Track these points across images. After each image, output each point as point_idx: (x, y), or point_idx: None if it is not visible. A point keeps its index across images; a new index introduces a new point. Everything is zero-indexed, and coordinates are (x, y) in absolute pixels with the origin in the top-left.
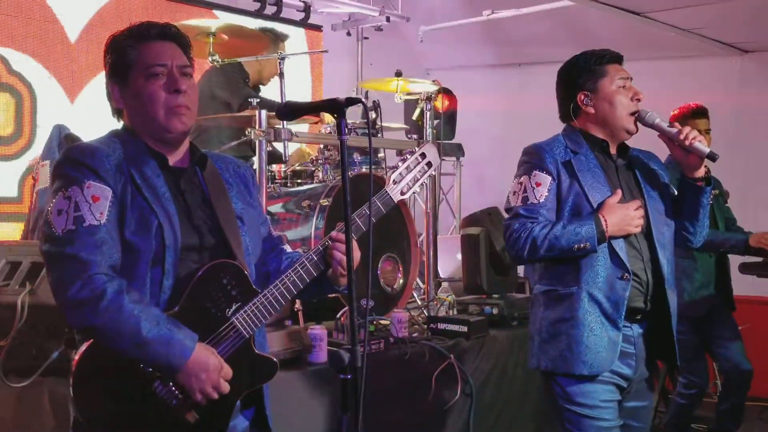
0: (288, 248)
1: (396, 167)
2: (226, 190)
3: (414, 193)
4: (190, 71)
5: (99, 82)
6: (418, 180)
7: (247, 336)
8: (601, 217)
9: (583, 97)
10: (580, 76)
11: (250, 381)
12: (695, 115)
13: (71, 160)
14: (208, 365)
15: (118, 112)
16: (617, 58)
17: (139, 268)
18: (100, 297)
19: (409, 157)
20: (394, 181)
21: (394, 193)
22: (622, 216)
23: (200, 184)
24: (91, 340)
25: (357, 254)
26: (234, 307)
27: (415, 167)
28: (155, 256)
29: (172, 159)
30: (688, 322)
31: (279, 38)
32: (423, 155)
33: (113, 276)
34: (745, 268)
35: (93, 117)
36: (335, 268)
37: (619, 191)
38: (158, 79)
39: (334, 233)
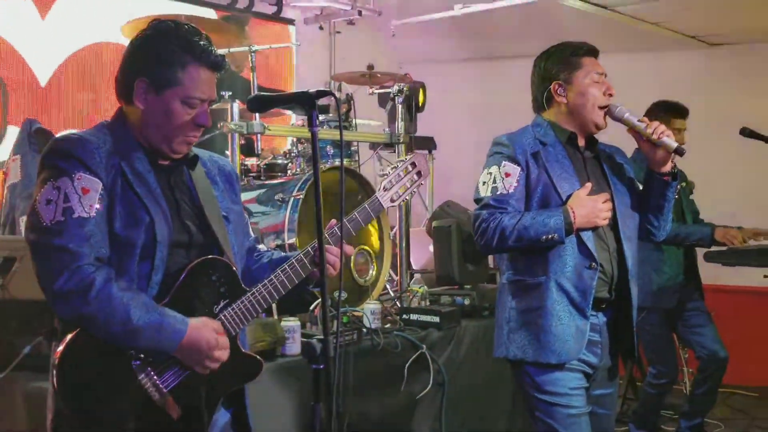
0: (262, 247)
1: (387, 175)
2: (213, 190)
3: (403, 201)
4: (213, 104)
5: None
6: (408, 188)
7: (233, 334)
8: (570, 209)
9: (557, 86)
10: (556, 66)
11: (236, 379)
12: (675, 113)
13: (61, 150)
14: (200, 346)
15: (127, 100)
16: (593, 52)
17: (127, 263)
18: (89, 287)
19: (400, 165)
20: (384, 188)
21: (384, 199)
22: (591, 208)
23: (188, 183)
24: (75, 332)
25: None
26: (222, 304)
27: (405, 176)
28: (143, 251)
29: (162, 157)
30: (658, 314)
31: (243, 23)
32: (413, 164)
33: (101, 265)
34: (709, 257)
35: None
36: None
37: (589, 184)
38: (192, 109)
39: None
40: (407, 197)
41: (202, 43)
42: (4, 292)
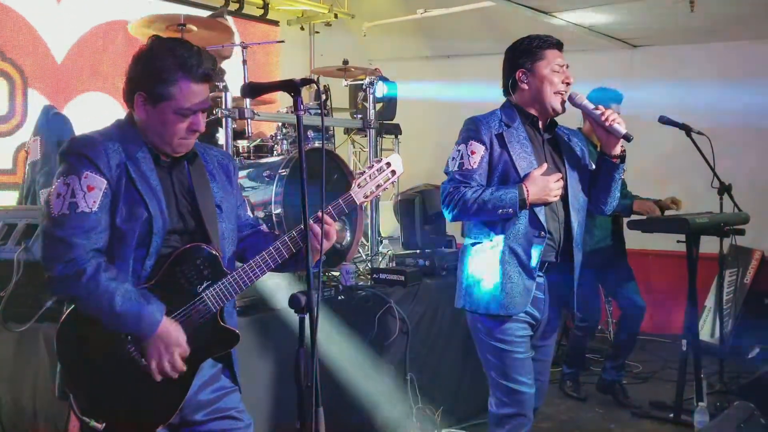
0: (264, 228)
1: (363, 173)
2: (209, 182)
3: (376, 197)
4: (208, 110)
5: (81, 99)
6: (381, 186)
7: (215, 310)
8: (524, 187)
9: (521, 74)
10: (522, 56)
11: (214, 348)
12: None
13: (75, 151)
14: (170, 340)
15: (132, 106)
16: (557, 45)
17: (124, 250)
18: (81, 273)
19: (375, 165)
20: (359, 185)
21: (358, 196)
22: (543, 186)
23: (186, 176)
24: (70, 309)
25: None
26: (205, 285)
27: (380, 174)
28: (140, 240)
29: (165, 155)
30: (589, 270)
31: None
32: (388, 164)
33: (93, 255)
34: (632, 225)
35: (76, 127)
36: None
37: (545, 164)
38: (185, 118)
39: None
40: (380, 194)
41: (192, 60)
42: (27, 253)
